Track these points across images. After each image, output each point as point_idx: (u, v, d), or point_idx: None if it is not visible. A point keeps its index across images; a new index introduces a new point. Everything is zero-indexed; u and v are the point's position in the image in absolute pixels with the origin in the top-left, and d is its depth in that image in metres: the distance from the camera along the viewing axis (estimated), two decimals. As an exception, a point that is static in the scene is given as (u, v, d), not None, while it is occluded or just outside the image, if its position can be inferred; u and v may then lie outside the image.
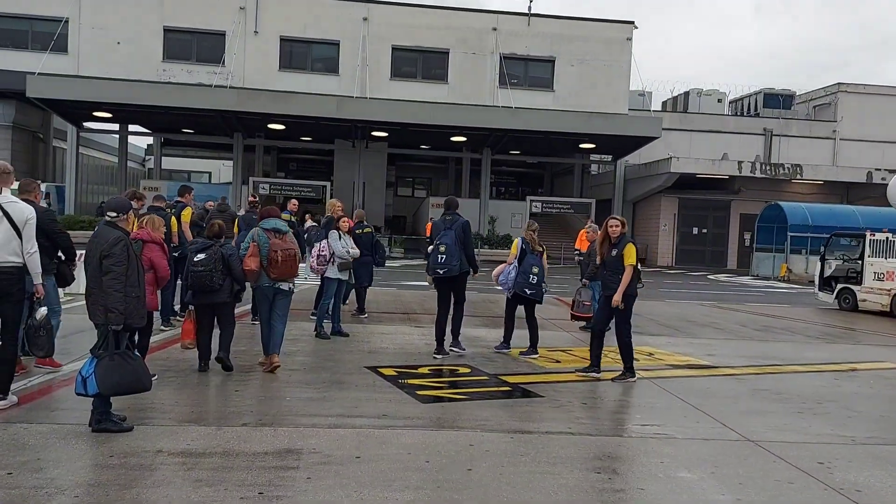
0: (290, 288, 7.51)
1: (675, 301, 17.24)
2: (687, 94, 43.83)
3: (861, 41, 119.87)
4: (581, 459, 5.01)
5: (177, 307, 10.04)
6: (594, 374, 7.74)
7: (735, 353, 9.85)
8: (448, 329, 8.68)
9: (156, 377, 6.94)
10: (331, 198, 33.99)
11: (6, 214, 5.47)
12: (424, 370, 7.78)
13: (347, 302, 12.20)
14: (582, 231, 15.15)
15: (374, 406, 6.12)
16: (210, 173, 55.01)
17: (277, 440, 5.08)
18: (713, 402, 6.89)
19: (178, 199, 10.92)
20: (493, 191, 40.22)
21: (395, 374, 7.47)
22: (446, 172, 46.22)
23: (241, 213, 12.85)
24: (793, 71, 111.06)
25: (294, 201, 12.75)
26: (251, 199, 12.32)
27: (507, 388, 7.06)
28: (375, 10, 33.11)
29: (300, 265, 7.52)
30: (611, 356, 8.21)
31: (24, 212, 5.55)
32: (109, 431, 5.06)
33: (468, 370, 7.83)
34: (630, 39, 35.01)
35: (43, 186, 31.02)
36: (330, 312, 9.76)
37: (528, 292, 8.83)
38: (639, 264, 8.21)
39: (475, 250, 10.33)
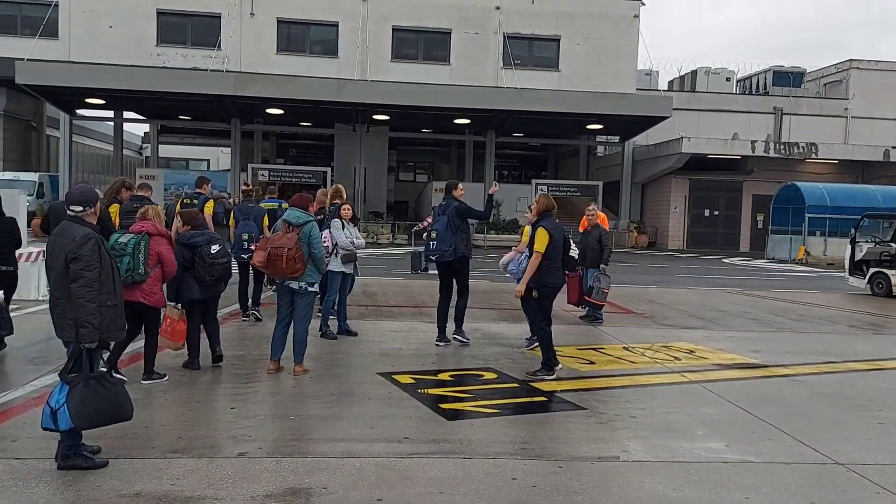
0: (301, 287, 6.64)
1: (698, 288, 16.36)
2: (694, 72, 42.65)
3: (858, 19, 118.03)
4: (649, 497, 4.15)
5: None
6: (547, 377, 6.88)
7: (781, 349, 8.98)
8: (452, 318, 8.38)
9: (166, 378, 6.26)
10: (331, 184, 33.13)
11: None
12: (445, 376, 6.92)
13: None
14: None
15: (393, 425, 5.26)
16: (208, 161, 54.00)
17: (280, 476, 4.22)
18: (778, 411, 6.03)
19: (197, 190, 10.32)
20: (496, 174, 39.22)
21: (412, 381, 6.61)
22: (448, 156, 45.24)
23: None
24: (791, 50, 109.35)
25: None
26: (244, 187, 11.41)
27: (542, 399, 6.19)
28: (375, -11, 32.01)
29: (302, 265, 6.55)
30: (614, 353, 7.34)
31: None
32: (79, 468, 4.20)
33: (494, 376, 6.96)
34: (637, 17, 33.89)
35: (36, 176, 30.21)
36: (335, 309, 8.92)
37: None
38: (573, 250, 7.37)
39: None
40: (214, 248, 6.70)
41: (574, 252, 7.47)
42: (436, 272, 8.81)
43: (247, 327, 9.11)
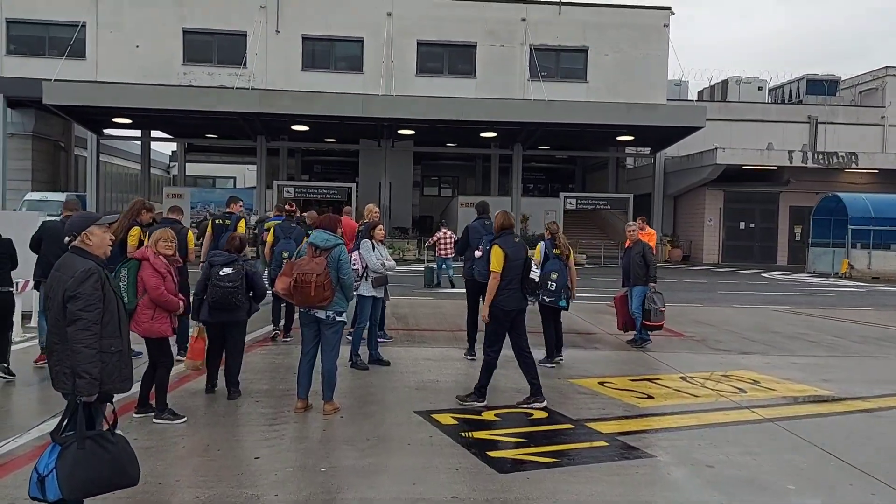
0: (329, 317, 6.06)
1: (743, 305, 15.53)
2: (725, 82, 41.76)
3: (881, 28, 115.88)
4: (751, 577, 3.47)
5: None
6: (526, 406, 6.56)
7: (853, 377, 8.21)
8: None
9: (184, 420, 5.77)
10: (356, 200, 32.73)
11: None
12: (489, 415, 6.26)
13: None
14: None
15: (437, 480, 4.62)
16: (235, 178, 54.11)
17: (313, 550, 3.61)
18: (871, 457, 5.30)
19: (227, 210, 10.19)
20: (522, 188, 38.62)
21: (454, 422, 5.98)
22: (474, 170, 44.75)
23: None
24: (817, 58, 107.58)
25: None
26: (288, 207, 10.99)
27: (604, 444, 5.51)
28: (399, 4, 31.67)
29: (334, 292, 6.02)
30: (672, 385, 6.62)
31: None
32: (78, 541, 3.63)
33: (544, 415, 6.29)
34: (667, 26, 33.22)
35: (63, 196, 30.15)
36: (366, 337, 8.34)
37: (548, 300, 8.43)
38: (534, 272, 6.93)
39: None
40: (224, 271, 6.43)
41: (535, 274, 7.12)
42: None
43: (272, 356, 8.54)
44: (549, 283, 8.38)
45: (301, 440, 5.50)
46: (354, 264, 7.82)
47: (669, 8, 33.21)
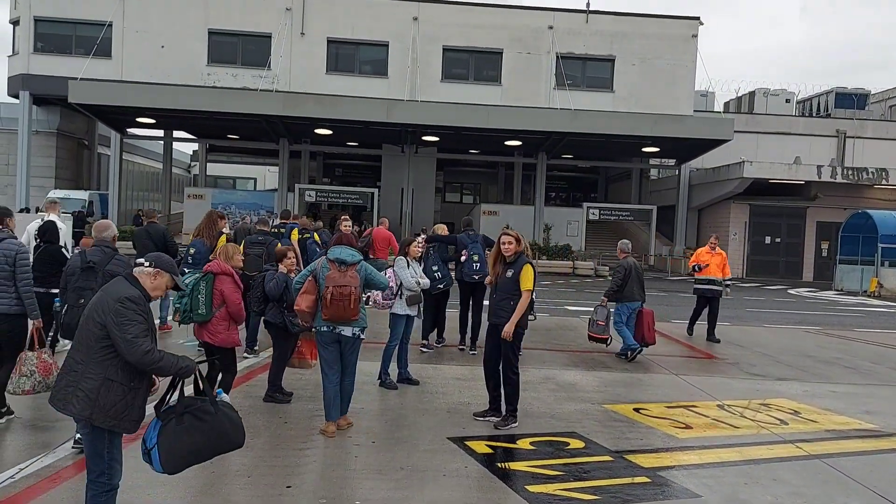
0: (354, 334, 5.98)
1: (773, 325, 15.21)
2: (752, 93, 41.33)
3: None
4: None
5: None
6: (492, 419, 6.67)
7: (897, 410, 7.93)
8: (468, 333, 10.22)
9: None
10: (378, 204, 32.65)
11: None
12: (525, 443, 6.06)
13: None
14: (701, 249, 13.37)
15: (477, 517, 4.43)
16: (255, 179, 54.32)
17: None
18: (931, 503, 5.05)
19: (283, 220, 10.91)
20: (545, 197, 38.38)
21: (489, 451, 5.78)
22: (496, 177, 44.58)
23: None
24: (837, 70, 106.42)
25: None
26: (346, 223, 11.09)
27: (646, 480, 5.28)
28: (426, 9, 31.57)
29: (367, 305, 6.12)
30: (710, 414, 6.37)
31: None
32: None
33: (581, 444, 6.08)
34: (695, 36, 32.87)
35: (86, 194, 30.33)
36: (396, 355, 8.16)
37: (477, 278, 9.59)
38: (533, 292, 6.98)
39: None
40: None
41: None
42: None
43: (298, 371, 8.34)
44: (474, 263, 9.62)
45: (333, 467, 5.32)
46: (389, 281, 7.66)
47: (698, 18, 32.89)
